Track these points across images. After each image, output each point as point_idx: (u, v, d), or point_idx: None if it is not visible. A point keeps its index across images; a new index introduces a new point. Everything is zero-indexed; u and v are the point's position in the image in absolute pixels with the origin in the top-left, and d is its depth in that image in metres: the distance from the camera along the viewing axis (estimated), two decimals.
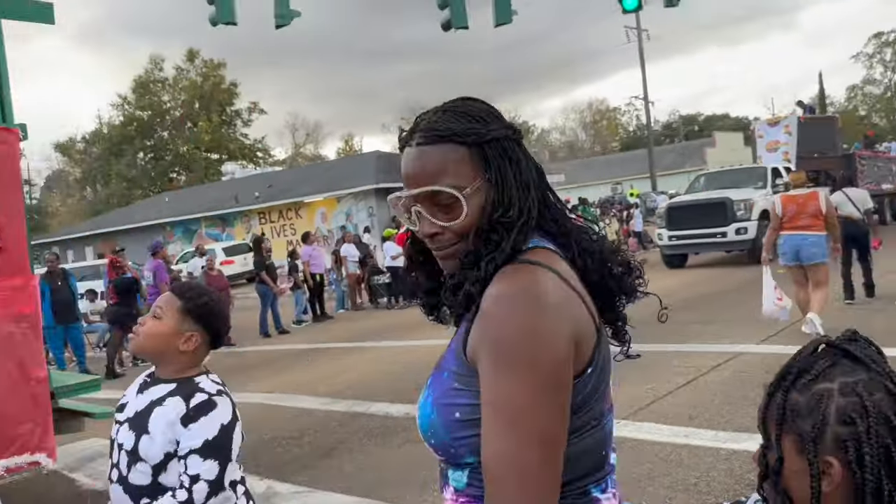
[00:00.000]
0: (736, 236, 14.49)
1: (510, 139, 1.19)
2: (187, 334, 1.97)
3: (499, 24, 10.86)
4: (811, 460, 1.02)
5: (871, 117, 65.27)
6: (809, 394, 1.05)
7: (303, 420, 6.54)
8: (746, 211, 14.50)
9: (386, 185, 27.25)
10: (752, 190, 15.25)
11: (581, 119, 79.29)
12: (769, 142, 18.36)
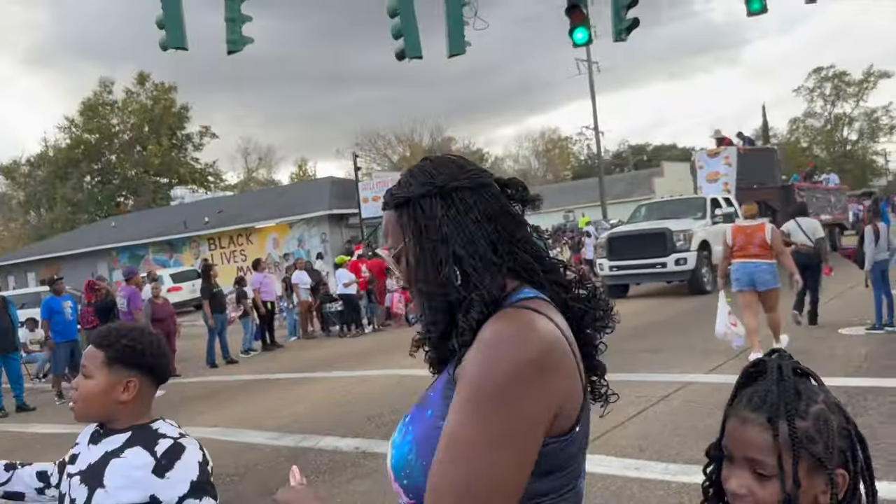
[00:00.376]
0: (675, 267, 14.47)
1: (432, 195, 1.17)
2: (124, 382, 1.84)
3: (452, 56, 10.94)
4: (832, 477, 1.10)
5: (813, 149, 67.71)
6: (811, 418, 1.11)
7: (247, 456, 6.34)
8: (686, 242, 14.51)
9: (339, 210, 27.13)
10: (691, 220, 15.31)
11: (534, 147, 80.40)
12: (709, 172, 18.52)
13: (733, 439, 1.16)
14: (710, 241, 14.90)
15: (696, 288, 14.49)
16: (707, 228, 15.08)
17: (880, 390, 6.11)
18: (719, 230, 14.51)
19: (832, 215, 22.24)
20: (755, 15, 10.94)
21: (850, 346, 8.10)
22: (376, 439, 6.20)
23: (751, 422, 1.13)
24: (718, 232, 14.51)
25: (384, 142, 63.91)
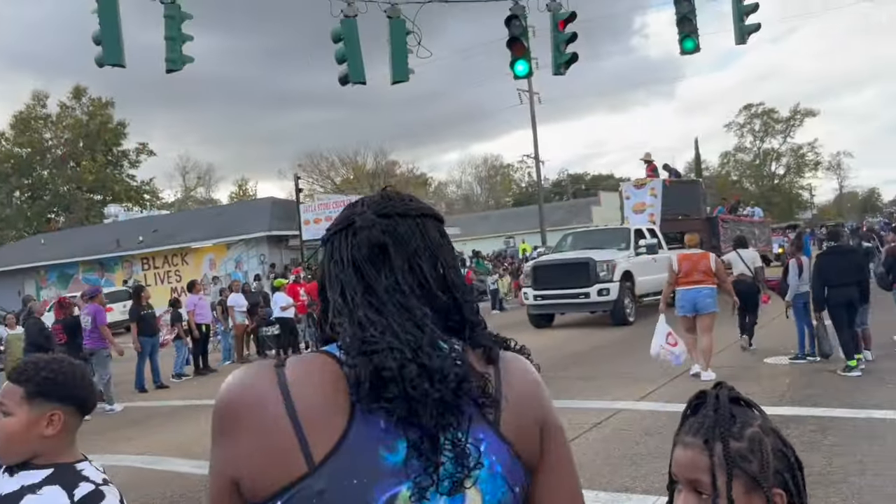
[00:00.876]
0: (598, 297, 14.32)
1: (326, 241, 1.17)
2: (47, 417, 1.77)
3: (395, 83, 11.05)
4: (769, 497, 1.14)
5: (742, 182, 70.37)
6: (746, 440, 1.16)
7: (176, 485, 6.16)
8: (609, 272, 14.41)
9: (279, 232, 26.80)
10: (615, 251, 15.25)
11: (477, 174, 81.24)
12: (636, 203, 18.67)
13: (677, 464, 1.23)
14: (634, 272, 15.03)
15: (619, 319, 14.47)
16: (630, 259, 15.13)
17: (801, 419, 6.35)
18: (642, 261, 15.25)
19: (756, 247, 23.05)
20: (688, 54, 11.42)
21: (775, 376, 8.41)
22: None
23: (690, 445, 1.19)
24: (641, 263, 15.27)
25: (327, 164, 63.59)
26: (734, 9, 10.89)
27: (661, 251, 16.18)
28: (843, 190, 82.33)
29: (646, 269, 15.39)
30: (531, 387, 1.10)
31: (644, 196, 18.59)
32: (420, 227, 1.12)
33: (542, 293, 15.10)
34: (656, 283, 15.67)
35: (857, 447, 5.40)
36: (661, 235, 16.89)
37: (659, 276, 15.60)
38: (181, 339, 13.52)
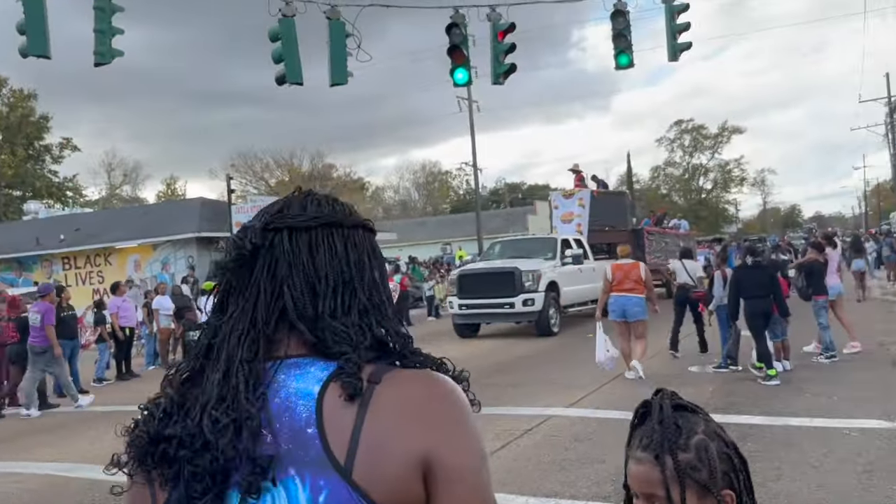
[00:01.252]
0: (523, 307, 14.15)
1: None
2: None
3: (334, 85, 10.94)
4: (719, 499, 1.20)
5: (672, 196, 72.59)
6: (693, 449, 1.21)
7: (94, 494, 5.90)
8: (534, 282, 14.25)
9: (209, 234, 26.15)
10: (541, 261, 15.12)
11: (415, 179, 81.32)
12: (564, 213, 18.70)
13: (633, 479, 1.26)
14: (559, 282, 14.98)
15: (544, 329, 14.31)
16: (556, 269, 15.08)
17: (724, 426, 6.55)
18: (568, 272, 15.29)
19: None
20: (623, 69, 11.70)
21: (699, 383, 8.67)
22: None
23: (642, 461, 1.24)
24: (567, 273, 15.31)
25: (261, 164, 62.40)
26: (667, 27, 11.23)
27: (588, 262, 16.41)
28: (767, 205, 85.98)
29: (571, 280, 15.49)
30: (408, 422, 0.91)
31: (572, 206, 18.70)
32: (310, 242, 1.02)
33: (466, 302, 14.84)
34: (582, 293, 16.06)
35: (774, 454, 5.61)
36: (587, 246, 17.01)
37: (584, 286, 16.04)
38: (104, 342, 13.02)
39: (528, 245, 16.83)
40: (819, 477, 5.00)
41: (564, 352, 11.94)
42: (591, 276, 16.44)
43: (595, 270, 16.54)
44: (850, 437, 5.93)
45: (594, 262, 16.90)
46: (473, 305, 14.76)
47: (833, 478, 4.97)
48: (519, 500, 4.94)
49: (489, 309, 14.55)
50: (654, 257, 19.76)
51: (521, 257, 15.39)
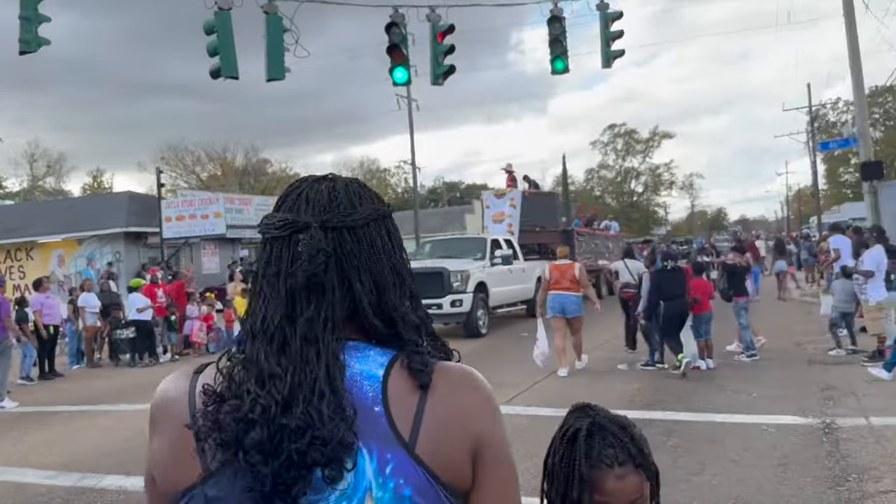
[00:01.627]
0: (451, 308, 13.85)
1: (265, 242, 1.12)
2: None
3: (270, 80, 10.80)
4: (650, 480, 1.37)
5: (605, 198, 74.26)
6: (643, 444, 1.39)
7: (17, 498, 5.70)
8: (462, 283, 13.98)
9: (137, 228, 25.41)
10: (470, 261, 14.89)
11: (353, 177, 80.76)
12: (496, 213, 18.59)
13: (621, 493, 1.35)
14: (489, 283, 14.80)
15: (472, 330, 14.07)
16: (486, 270, 14.90)
17: (648, 422, 6.80)
18: (497, 272, 15.16)
19: (609, 260, 21.99)
20: (559, 74, 11.94)
21: (626, 381, 8.94)
22: None
23: (627, 475, 1.34)
24: (497, 274, 15.18)
25: (193, 158, 60.83)
26: (601, 34, 11.52)
27: (517, 262, 16.39)
28: (695, 209, 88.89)
29: (501, 280, 15.38)
30: (463, 408, 1.03)
31: (504, 206, 18.56)
32: (367, 238, 1.08)
33: None
34: (511, 294, 15.98)
35: (698, 449, 5.85)
36: (517, 246, 16.98)
37: (514, 287, 16.02)
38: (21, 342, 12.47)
39: (459, 245, 16.63)
40: (739, 471, 5.25)
41: (494, 352, 12.06)
42: (520, 276, 16.45)
43: (525, 271, 16.79)
44: (767, 432, 6.24)
45: (524, 263, 16.98)
46: None
47: (751, 472, 5.22)
48: None
49: None
50: (583, 258, 19.72)
51: (450, 257, 15.17)
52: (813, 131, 44.72)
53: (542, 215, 19.53)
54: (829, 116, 63.32)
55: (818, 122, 49.36)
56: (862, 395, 7.39)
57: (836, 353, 9.80)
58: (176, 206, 24.81)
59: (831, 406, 7.06)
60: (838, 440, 5.88)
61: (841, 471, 5.11)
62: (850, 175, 61.04)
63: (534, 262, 17.76)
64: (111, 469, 6.23)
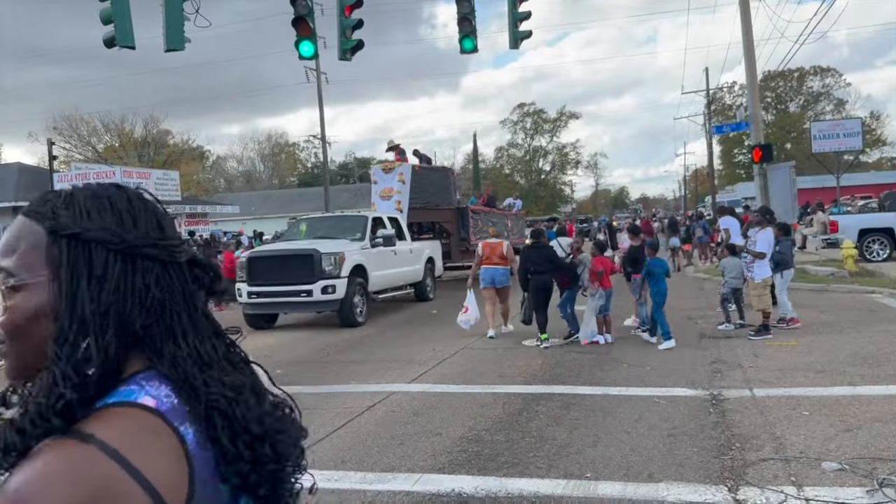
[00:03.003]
0: (322, 296, 12.38)
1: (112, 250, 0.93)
2: None
3: (169, 51, 10.39)
4: None
5: (514, 176, 75.53)
6: None
7: None
8: (335, 266, 12.49)
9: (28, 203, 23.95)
10: (347, 242, 13.49)
11: (260, 150, 78.68)
12: (384, 188, 17.31)
13: None
14: (368, 266, 13.37)
15: (348, 320, 12.69)
16: (365, 251, 13.53)
17: (549, 396, 7.05)
18: (379, 254, 13.82)
19: (508, 239, 21.62)
20: (467, 53, 12.00)
21: (529, 357, 9.21)
22: None
23: None
24: (378, 256, 13.77)
25: (89, 128, 57.83)
26: (509, 15, 11.66)
27: (403, 243, 15.36)
28: (599, 187, 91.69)
29: (382, 263, 14.04)
30: None
31: (392, 181, 17.27)
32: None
33: (257, 289, 12.77)
34: (394, 277, 14.78)
35: (593, 421, 6.12)
36: (404, 225, 15.98)
37: (399, 269, 14.87)
38: None
39: (336, 224, 15.25)
40: (631, 441, 5.53)
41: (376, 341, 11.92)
42: (407, 258, 15.40)
43: (413, 252, 15.81)
44: (658, 405, 6.58)
45: (413, 244, 16.12)
46: (265, 293, 12.74)
47: (642, 441, 5.51)
48: (356, 476, 5.07)
49: (283, 297, 12.67)
50: (479, 237, 18.41)
51: (326, 238, 13.86)
52: (709, 114, 46.80)
53: (434, 192, 18.64)
54: (726, 99, 66.45)
55: (715, 105, 51.69)
56: (748, 368, 7.88)
57: (724, 327, 10.40)
58: (69, 179, 23.50)
59: (718, 378, 7.50)
60: (724, 411, 6.27)
61: (726, 440, 5.46)
62: (744, 156, 64.50)
63: (424, 243, 17.18)
64: None
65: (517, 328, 11.08)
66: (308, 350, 10.74)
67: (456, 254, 19.00)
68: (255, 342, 11.24)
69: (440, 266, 17.73)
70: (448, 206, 19.35)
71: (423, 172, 18.45)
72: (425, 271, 16.31)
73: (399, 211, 16.53)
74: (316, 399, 7.35)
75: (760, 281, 9.82)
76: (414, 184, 17.34)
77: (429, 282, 16.61)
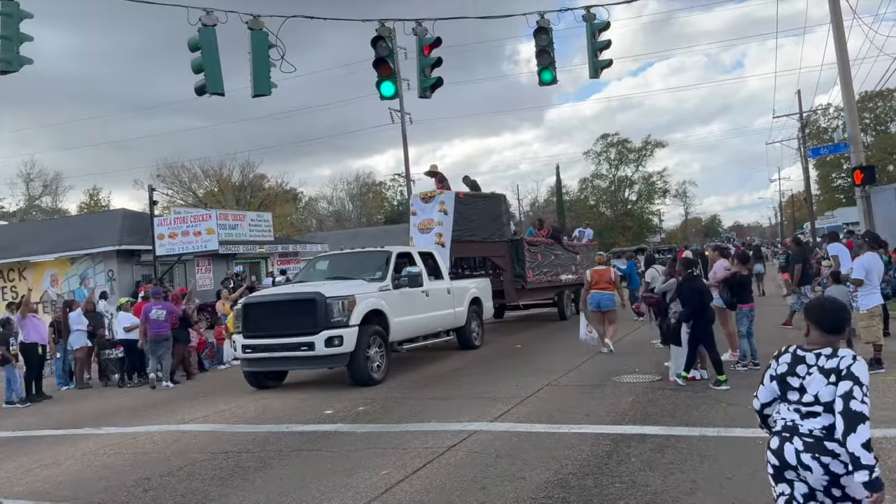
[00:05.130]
0: (327, 349, 10.25)
1: None
2: None
3: (256, 96, 10.73)
4: None
5: (599, 207, 74.34)
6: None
7: None
8: (343, 313, 10.41)
9: (130, 247, 25.29)
10: (363, 283, 11.42)
11: (349, 190, 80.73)
12: (423, 220, 15.21)
13: None
14: (389, 310, 11.25)
15: (360, 377, 10.59)
16: (385, 293, 11.39)
17: (641, 437, 6.65)
18: (403, 296, 11.75)
19: (577, 275, 18.87)
20: (546, 85, 11.87)
21: (618, 394, 8.76)
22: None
23: None
24: (402, 299, 11.72)
25: (189, 175, 60.81)
26: (588, 45, 11.46)
27: (440, 282, 13.24)
28: (689, 216, 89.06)
29: (409, 307, 11.88)
30: None
31: (432, 212, 15.13)
32: None
33: (252, 342, 10.87)
34: (425, 323, 12.51)
35: (690, 465, 5.69)
36: (441, 262, 13.73)
37: (430, 314, 12.60)
38: (8, 362, 12.31)
39: (358, 262, 12.81)
40: (733, 489, 5.09)
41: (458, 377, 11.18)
42: (443, 300, 13.07)
43: (452, 293, 13.45)
44: (763, 446, 6.07)
45: (450, 283, 13.67)
46: (261, 347, 10.79)
47: (746, 489, 5.06)
48: None
49: (281, 352, 10.63)
50: (537, 273, 17.19)
51: (341, 278, 11.85)
52: (804, 137, 44.79)
53: (483, 223, 16.18)
54: (821, 122, 63.57)
55: (809, 129, 49.46)
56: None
57: None
58: (168, 224, 24.65)
59: None
60: None
61: None
62: (843, 180, 61.31)
63: (468, 282, 14.88)
64: (86, 498, 6.05)
65: (601, 366, 10.66)
66: (387, 386, 10.63)
67: (510, 292, 16.73)
68: (331, 374, 11.24)
69: (490, 308, 15.45)
70: (500, 238, 16.78)
71: (470, 200, 16.09)
72: (469, 314, 14.02)
73: (440, 245, 14.50)
74: (394, 438, 7.21)
75: (866, 311, 9.09)
76: (459, 214, 15.19)
77: (474, 327, 14.31)
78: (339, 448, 7.05)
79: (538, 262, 17.40)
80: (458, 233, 14.95)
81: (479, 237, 15.94)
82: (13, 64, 9.35)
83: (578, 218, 61.05)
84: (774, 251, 21.00)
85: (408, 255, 12.71)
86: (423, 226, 15.12)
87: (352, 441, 7.32)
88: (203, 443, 7.85)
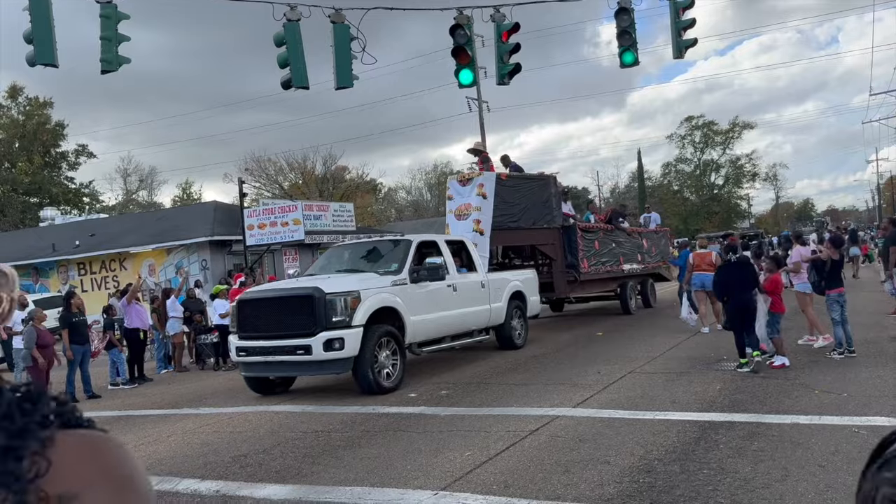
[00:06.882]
0: (325, 353, 9.00)
1: None
2: None
3: (339, 88, 10.98)
4: None
5: (684, 192, 72.11)
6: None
7: None
8: (345, 311, 9.16)
9: (222, 237, 26.32)
10: (374, 276, 10.09)
11: (427, 180, 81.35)
12: (460, 205, 13.61)
13: None
14: (403, 308, 9.92)
15: (368, 385, 9.30)
16: (399, 288, 10.01)
17: (730, 425, 6.50)
18: (422, 292, 10.39)
19: (643, 264, 17.91)
20: (628, 67, 11.64)
21: (706, 381, 8.58)
22: (239, 481, 5.97)
23: None
24: (421, 294, 10.38)
25: (275, 168, 62.69)
26: (672, 24, 11.16)
27: (472, 274, 11.83)
28: (780, 200, 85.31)
29: (430, 304, 10.54)
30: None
31: (470, 196, 13.49)
32: None
33: (247, 344, 9.76)
34: (451, 322, 11.06)
35: (781, 453, 5.54)
36: (475, 253, 12.27)
37: (458, 311, 11.13)
38: (115, 348, 13.14)
39: (375, 252, 11.54)
40: (826, 477, 4.94)
41: (538, 363, 11.79)
42: (476, 295, 11.62)
43: (487, 287, 11.97)
44: (859, 435, 5.85)
45: (488, 275, 12.25)
46: (256, 350, 9.66)
47: (840, 477, 4.90)
48: (521, 503, 4.92)
49: (276, 356, 9.43)
50: (594, 263, 15.67)
51: (350, 271, 10.75)
52: None
53: (529, 207, 14.42)
54: None
55: None
56: None
57: None
58: (257, 215, 25.51)
59: None
60: None
61: None
62: None
63: (509, 273, 13.40)
64: (188, 473, 6.42)
65: (688, 353, 10.44)
66: (471, 371, 10.74)
67: (561, 285, 15.10)
68: (423, 359, 11.44)
69: (535, 302, 13.76)
70: (549, 224, 14.98)
71: (513, 182, 14.35)
72: (510, 311, 12.53)
73: (479, 233, 12.97)
74: (477, 421, 7.31)
75: None
76: (500, 198, 13.55)
77: (516, 324, 12.78)
78: (424, 430, 7.20)
79: (595, 250, 15.92)
80: (499, 219, 13.42)
81: (524, 224, 14.28)
82: (113, 63, 9.89)
83: (661, 204, 59.38)
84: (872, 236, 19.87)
85: (433, 244, 11.41)
86: (459, 212, 13.57)
87: (435, 423, 7.47)
88: (294, 423, 8.18)
